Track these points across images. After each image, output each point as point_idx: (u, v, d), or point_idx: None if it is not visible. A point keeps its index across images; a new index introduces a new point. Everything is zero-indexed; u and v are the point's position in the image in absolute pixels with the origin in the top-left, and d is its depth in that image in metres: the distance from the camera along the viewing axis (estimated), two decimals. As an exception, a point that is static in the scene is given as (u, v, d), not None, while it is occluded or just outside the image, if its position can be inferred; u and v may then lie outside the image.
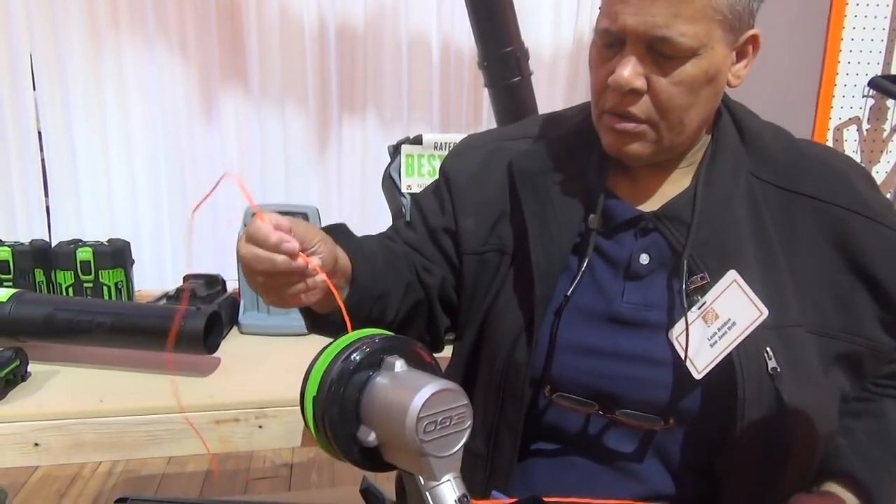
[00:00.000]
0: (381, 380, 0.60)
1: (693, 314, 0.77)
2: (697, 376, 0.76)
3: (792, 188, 0.81)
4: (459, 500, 0.57)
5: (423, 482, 0.57)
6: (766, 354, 0.76)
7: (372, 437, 0.59)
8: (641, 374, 0.80)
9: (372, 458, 0.61)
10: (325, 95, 2.51)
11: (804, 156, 0.84)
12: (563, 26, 2.53)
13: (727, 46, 0.75)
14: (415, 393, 0.56)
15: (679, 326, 0.78)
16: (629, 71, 0.74)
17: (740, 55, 0.78)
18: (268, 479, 2.46)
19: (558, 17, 2.52)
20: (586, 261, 0.83)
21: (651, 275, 0.82)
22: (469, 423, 0.58)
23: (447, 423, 0.57)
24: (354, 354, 0.61)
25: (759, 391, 0.75)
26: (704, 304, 0.78)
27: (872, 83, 1.69)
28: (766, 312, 0.75)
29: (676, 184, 0.84)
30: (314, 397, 0.62)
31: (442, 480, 0.57)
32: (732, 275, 0.77)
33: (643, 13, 0.71)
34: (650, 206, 0.84)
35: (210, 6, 2.34)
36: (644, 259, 0.82)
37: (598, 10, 0.79)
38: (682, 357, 0.77)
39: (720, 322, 0.76)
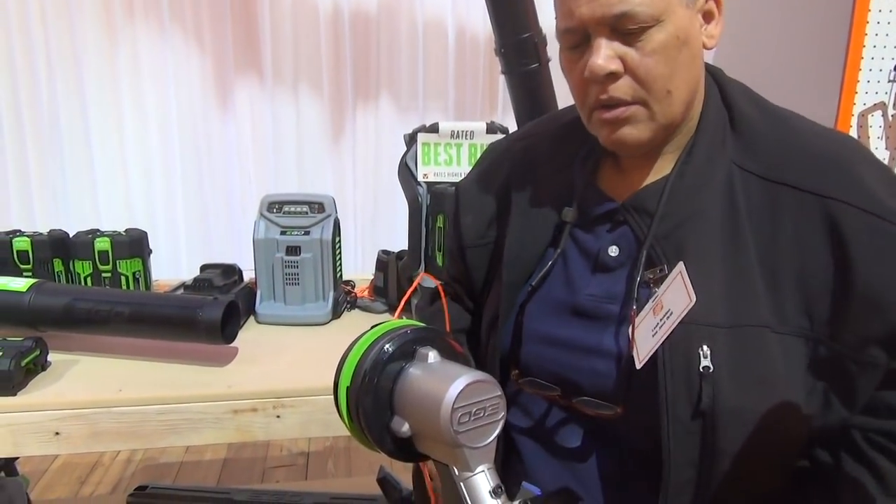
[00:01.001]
0: (414, 370, 0.61)
1: (647, 307, 0.76)
2: (638, 365, 0.75)
3: (778, 179, 0.76)
4: (494, 490, 0.58)
5: (457, 473, 0.58)
6: (700, 352, 0.73)
7: (406, 428, 0.60)
8: (595, 365, 0.81)
9: (405, 449, 0.62)
10: (339, 83, 2.50)
11: (798, 144, 0.78)
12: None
13: (688, 8, 0.75)
14: (449, 384, 0.56)
15: (634, 314, 0.78)
16: (601, 57, 0.74)
17: (707, 17, 0.78)
18: (284, 468, 2.48)
19: None
20: (556, 253, 0.85)
21: (620, 267, 0.82)
22: (503, 413, 0.59)
23: (481, 414, 0.57)
24: (388, 345, 0.61)
25: (687, 388, 0.73)
26: (656, 296, 0.76)
27: (899, 67, 1.65)
28: (693, 300, 0.72)
29: (659, 173, 0.83)
30: (348, 387, 0.62)
31: (476, 471, 0.58)
32: (679, 266, 0.75)
33: None
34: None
35: (224, -8, 2.34)
36: (613, 251, 0.82)
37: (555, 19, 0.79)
38: (630, 347, 0.77)
39: (663, 312, 0.74)
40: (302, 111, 2.50)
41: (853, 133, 1.72)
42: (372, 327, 0.66)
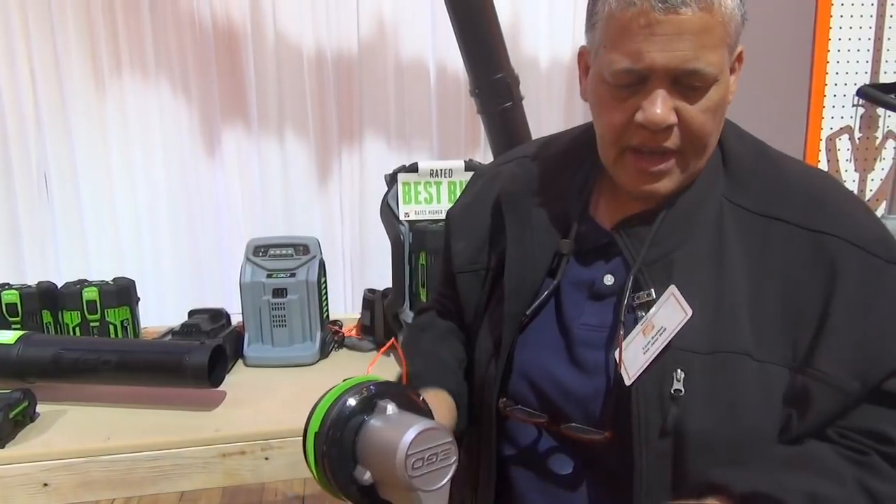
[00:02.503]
0: (374, 422, 0.66)
1: (636, 329, 0.78)
2: (628, 382, 0.77)
3: (767, 213, 0.78)
4: None
5: None
6: (674, 375, 0.74)
7: (367, 476, 0.64)
8: (584, 391, 0.82)
9: (368, 495, 0.66)
10: (325, 126, 2.54)
11: (784, 180, 0.81)
12: (558, 41, 2.57)
13: (728, 67, 0.77)
14: (403, 432, 0.61)
15: (621, 338, 0.79)
16: (662, 107, 0.73)
17: (730, 71, 0.79)
18: (280, 511, 2.45)
19: (552, 32, 2.55)
20: (553, 284, 0.86)
21: (614, 295, 0.83)
22: (454, 458, 0.64)
23: (434, 459, 0.62)
24: (350, 400, 0.67)
25: (659, 412, 0.75)
26: (646, 319, 0.78)
27: (860, 92, 1.70)
28: (689, 313, 0.74)
29: (652, 202, 0.85)
30: (315, 437, 0.67)
31: None
32: (672, 289, 0.77)
33: (672, 48, 0.71)
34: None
35: (209, 40, 2.39)
36: (609, 280, 0.84)
37: (593, 49, 0.78)
38: (618, 368, 0.78)
39: (654, 331, 0.76)
40: (288, 154, 2.54)
41: (822, 157, 1.76)
42: (343, 381, 0.71)
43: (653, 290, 0.79)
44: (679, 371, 0.74)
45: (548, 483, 0.86)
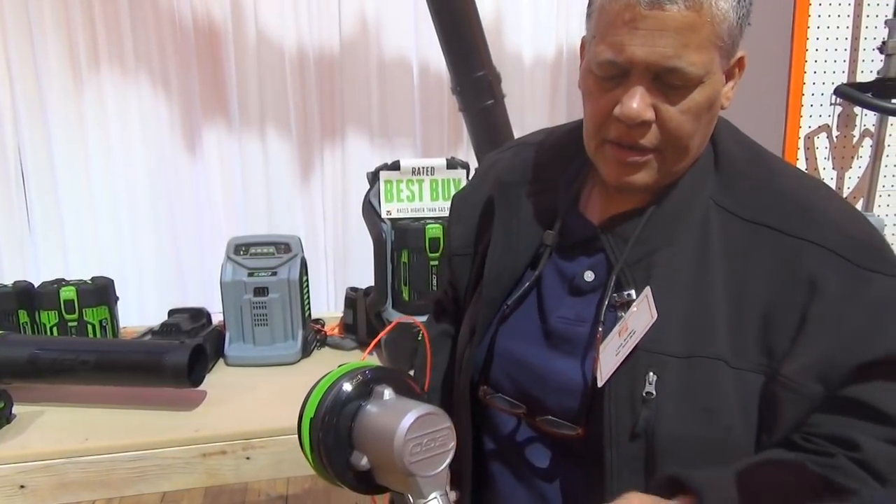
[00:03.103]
0: (371, 408, 0.66)
1: (614, 330, 0.78)
2: (601, 383, 0.77)
3: (753, 218, 0.77)
4: None
5: (412, 501, 0.63)
6: (646, 378, 0.74)
7: (364, 462, 0.64)
8: (560, 385, 0.82)
9: (365, 482, 0.66)
10: (307, 124, 2.53)
11: (775, 186, 0.80)
12: (542, 38, 2.57)
13: (721, 71, 0.75)
14: (402, 417, 0.61)
15: (600, 337, 0.79)
16: (638, 102, 0.73)
17: (728, 76, 0.78)
18: (263, 512, 2.44)
19: (536, 30, 2.56)
20: (534, 275, 0.87)
21: (593, 292, 0.83)
22: (452, 444, 0.64)
23: (432, 445, 0.62)
24: (346, 385, 0.67)
25: (630, 413, 0.75)
26: (623, 320, 0.78)
27: (838, 91, 1.72)
28: (655, 316, 0.74)
29: (641, 200, 0.84)
30: (311, 422, 0.66)
31: (429, 498, 0.63)
32: (647, 291, 0.77)
33: (652, 44, 0.70)
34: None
35: (189, 37, 2.37)
36: (589, 276, 0.84)
37: (588, 39, 0.77)
38: (594, 368, 0.78)
39: (627, 333, 0.76)
40: (270, 152, 2.52)
41: (801, 155, 1.78)
42: (339, 366, 0.71)
43: (633, 290, 0.79)
44: (651, 374, 0.74)
45: (524, 472, 0.87)
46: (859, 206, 1.83)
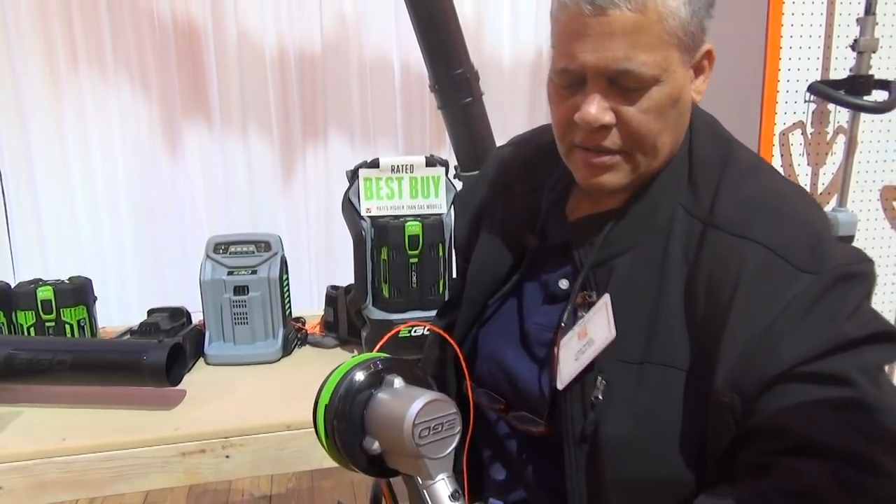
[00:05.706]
0: (382, 395, 0.70)
1: (573, 330, 0.79)
2: (560, 387, 0.79)
3: (708, 221, 0.75)
4: (452, 495, 0.67)
5: (420, 482, 0.67)
6: (596, 382, 0.75)
7: (376, 446, 0.69)
8: (530, 384, 0.85)
9: (376, 465, 0.71)
10: (288, 123, 2.52)
11: (741, 189, 0.77)
12: (521, 39, 2.58)
13: (685, 66, 0.75)
14: (411, 403, 0.65)
15: (560, 339, 0.81)
16: (595, 107, 0.73)
17: (697, 70, 0.78)
18: (246, 511, 2.44)
19: (516, 30, 2.57)
20: (514, 279, 0.89)
21: (567, 300, 0.83)
22: (458, 428, 0.68)
23: (439, 429, 0.66)
24: (359, 374, 0.71)
25: (582, 416, 0.77)
26: (581, 322, 0.79)
27: (812, 88, 1.74)
28: (613, 334, 0.74)
29: (621, 202, 0.84)
30: (325, 409, 0.71)
31: (437, 479, 0.67)
32: (605, 298, 0.77)
33: (602, 49, 0.71)
34: None
35: (169, 37, 2.36)
36: (564, 284, 0.85)
37: (552, 49, 0.78)
38: (553, 369, 0.80)
39: (586, 340, 0.78)
40: (252, 152, 2.52)
41: (776, 151, 1.81)
42: (352, 357, 0.75)
43: (595, 293, 0.79)
44: (600, 379, 0.75)
45: (506, 464, 0.91)
46: (833, 201, 1.86)
